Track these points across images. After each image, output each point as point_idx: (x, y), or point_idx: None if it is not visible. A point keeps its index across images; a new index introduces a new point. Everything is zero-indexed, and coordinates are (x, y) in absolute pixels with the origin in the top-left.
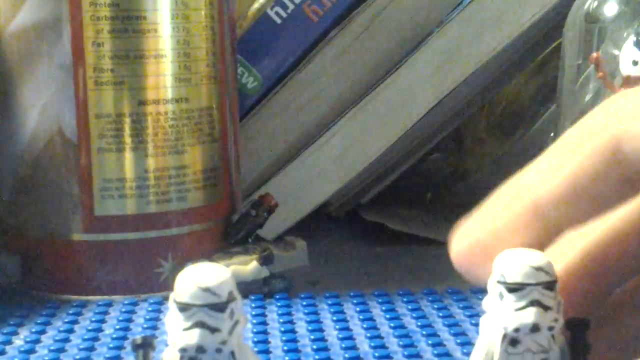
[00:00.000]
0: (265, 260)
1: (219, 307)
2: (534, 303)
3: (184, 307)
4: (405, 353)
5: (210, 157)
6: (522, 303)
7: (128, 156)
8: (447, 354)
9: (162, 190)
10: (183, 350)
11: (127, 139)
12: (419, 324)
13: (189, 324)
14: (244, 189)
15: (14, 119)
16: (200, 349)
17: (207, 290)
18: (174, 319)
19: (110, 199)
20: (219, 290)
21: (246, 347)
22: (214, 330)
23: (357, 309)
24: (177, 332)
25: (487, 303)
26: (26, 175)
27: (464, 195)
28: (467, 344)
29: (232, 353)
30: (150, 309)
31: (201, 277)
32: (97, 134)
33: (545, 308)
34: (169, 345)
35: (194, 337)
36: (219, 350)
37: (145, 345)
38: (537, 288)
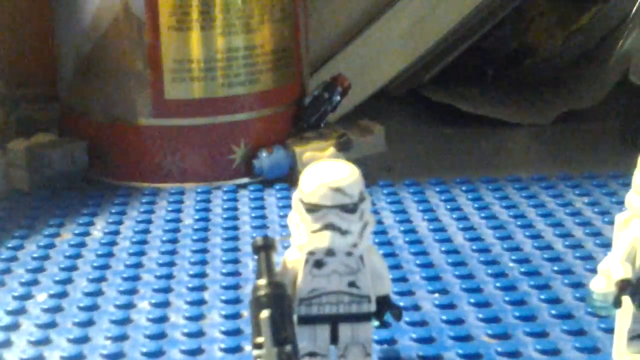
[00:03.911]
0: (343, 147)
1: (351, 209)
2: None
3: (312, 208)
4: (505, 246)
5: (281, 37)
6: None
7: (195, 35)
8: (549, 247)
9: (233, 72)
10: (311, 254)
11: (196, 17)
12: (510, 214)
13: (318, 225)
14: None
15: None
16: (330, 252)
17: (338, 190)
18: (301, 219)
19: (179, 82)
20: (350, 190)
21: (373, 250)
22: (345, 232)
23: (442, 197)
24: (304, 234)
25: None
26: (90, 54)
27: (530, 72)
28: (566, 236)
29: (361, 257)
30: (225, 197)
31: (331, 176)
32: (166, 11)
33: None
34: (292, 246)
35: (324, 239)
36: (349, 254)
37: (267, 247)
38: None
